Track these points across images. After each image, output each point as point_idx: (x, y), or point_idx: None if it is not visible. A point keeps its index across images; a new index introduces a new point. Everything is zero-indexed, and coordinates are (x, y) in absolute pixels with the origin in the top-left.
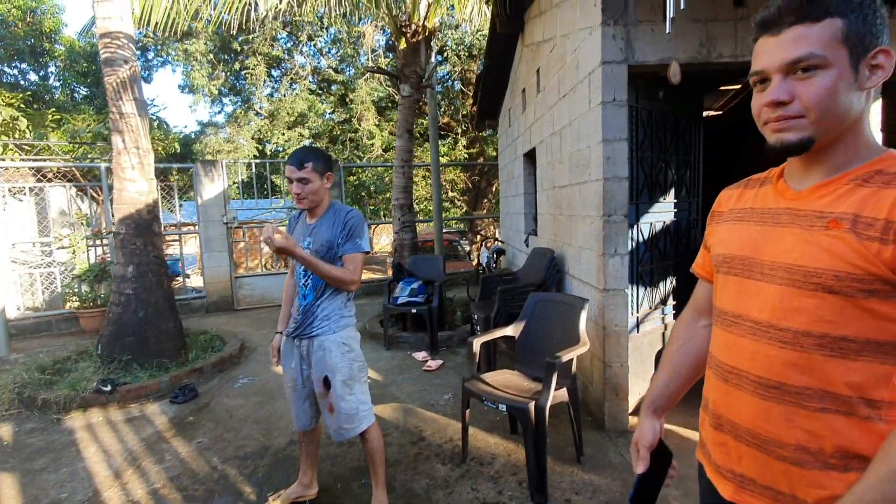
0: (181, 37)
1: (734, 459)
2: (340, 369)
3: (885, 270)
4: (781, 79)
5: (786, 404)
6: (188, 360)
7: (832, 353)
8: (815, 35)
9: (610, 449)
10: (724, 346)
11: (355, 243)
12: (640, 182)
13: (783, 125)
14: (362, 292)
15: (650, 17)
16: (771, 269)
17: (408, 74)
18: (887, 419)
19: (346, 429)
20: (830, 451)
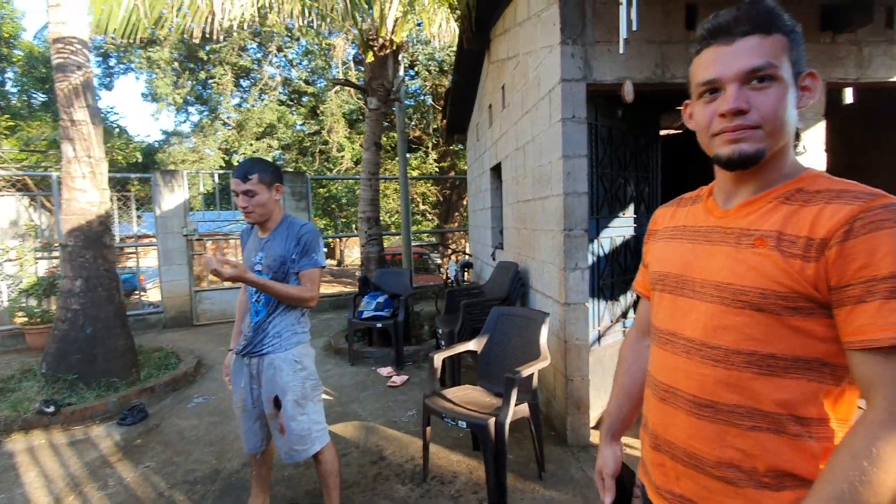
0: (145, 44)
1: (672, 480)
2: (292, 388)
3: (808, 287)
4: (738, 87)
5: (718, 423)
6: (139, 378)
7: (761, 371)
8: (769, 46)
9: (572, 464)
10: (659, 365)
11: (311, 259)
12: (600, 197)
13: (741, 135)
14: (329, 306)
15: (607, 37)
16: (702, 287)
17: (375, 88)
18: (817, 437)
19: (298, 451)
20: (763, 470)
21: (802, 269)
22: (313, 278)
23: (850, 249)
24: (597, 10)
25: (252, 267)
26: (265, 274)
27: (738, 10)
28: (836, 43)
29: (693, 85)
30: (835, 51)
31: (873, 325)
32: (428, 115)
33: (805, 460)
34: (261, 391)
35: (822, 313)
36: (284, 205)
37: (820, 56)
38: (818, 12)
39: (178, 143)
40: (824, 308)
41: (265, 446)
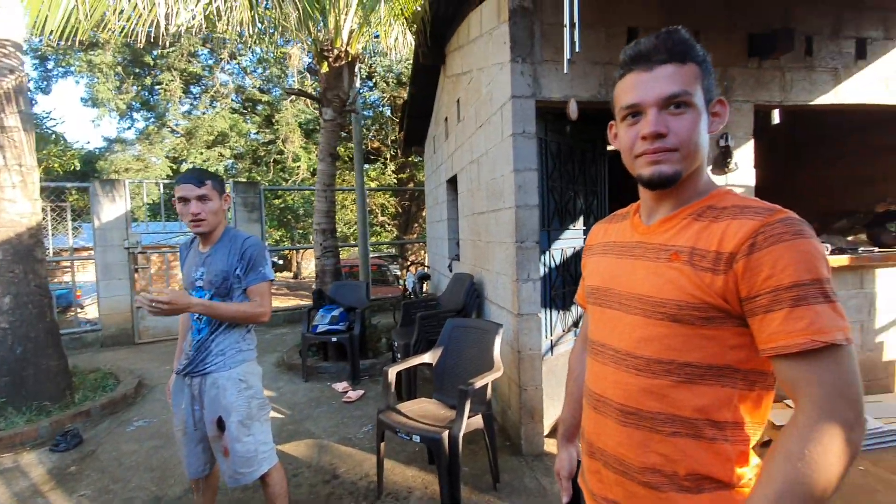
0: (86, 47)
1: (605, 486)
2: (237, 408)
3: (718, 299)
4: (657, 112)
5: (643, 430)
6: (74, 401)
7: (679, 379)
8: (684, 74)
9: (526, 474)
10: (592, 375)
11: (259, 273)
12: (550, 210)
13: (661, 157)
14: (282, 321)
15: (554, 57)
16: (627, 300)
17: (330, 98)
18: (733, 440)
19: (244, 473)
20: (683, 474)
21: (712, 282)
22: (263, 293)
23: (755, 262)
24: (545, 30)
25: (193, 283)
26: (207, 290)
27: (657, 38)
28: (763, 68)
29: (617, 108)
30: (761, 75)
31: (782, 333)
32: (386, 127)
33: (721, 463)
34: (203, 412)
35: (731, 322)
36: (235, 216)
37: (749, 80)
38: (746, 39)
39: (122, 151)
40: (733, 318)
41: (208, 471)
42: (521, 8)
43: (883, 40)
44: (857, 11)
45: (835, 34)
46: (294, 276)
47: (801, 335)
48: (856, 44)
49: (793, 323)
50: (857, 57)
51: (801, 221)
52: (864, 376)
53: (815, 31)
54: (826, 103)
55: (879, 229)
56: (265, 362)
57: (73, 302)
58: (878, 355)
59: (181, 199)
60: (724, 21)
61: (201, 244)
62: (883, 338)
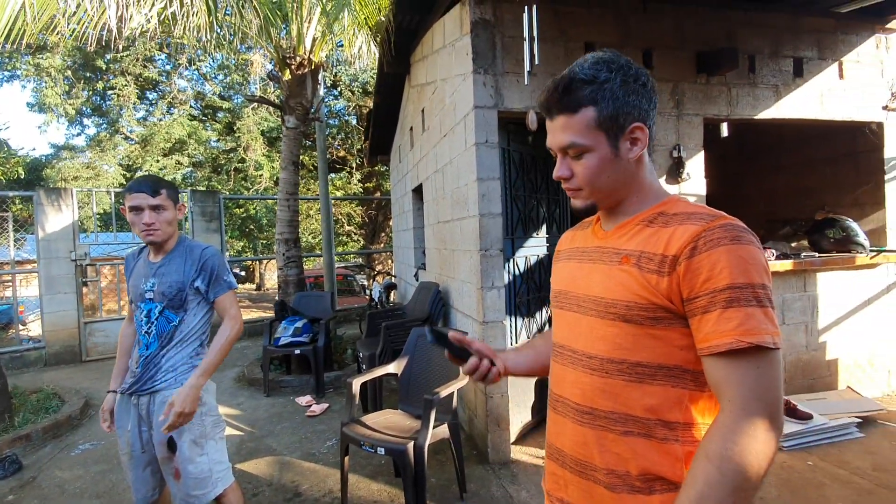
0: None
1: (562, 487)
2: (189, 427)
3: (664, 299)
4: (562, 158)
5: (597, 429)
6: (13, 425)
7: (630, 379)
8: (575, 124)
9: (493, 482)
10: (553, 376)
11: (223, 283)
12: (514, 218)
13: (571, 195)
14: (244, 333)
15: (515, 69)
16: (585, 302)
17: (293, 106)
18: (683, 440)
19: (196, 496)
20: (635, 474)
21: (658, 283)
22: (232, 302)
23: (695, 265)
24: (506, 43)
25: (142, 295)
26: (158, 302)
27: (549, 91)
28: (710, 84)
29: None
30: (710, 91)
31: (715, 333)
32: (352, 136)
33: (671, 463)
34: (151, 433)
35: (679, 323)
36: (193, 226)
37: (698, 95)
38: (695, 57)
39: (71, 158)
40: (680, 318)
41: (157, 495)
42: (483, 20)
43: (818, 60)
44: (794, 33)
45: (774, 53)
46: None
47: (729, 335)
48: (793, 63)
49: (724, 323)
50: (794, 75)
51: (743, 228)
52: (810, 375)
53: (757, 51)
54: (768, 118)
55: (819, 236)
56: (224, 377)
57: (14, 318)
58: (822, 354)
59: (133, 208)
60: (675, 39)
61: (152, 254)
62: (826, 337)
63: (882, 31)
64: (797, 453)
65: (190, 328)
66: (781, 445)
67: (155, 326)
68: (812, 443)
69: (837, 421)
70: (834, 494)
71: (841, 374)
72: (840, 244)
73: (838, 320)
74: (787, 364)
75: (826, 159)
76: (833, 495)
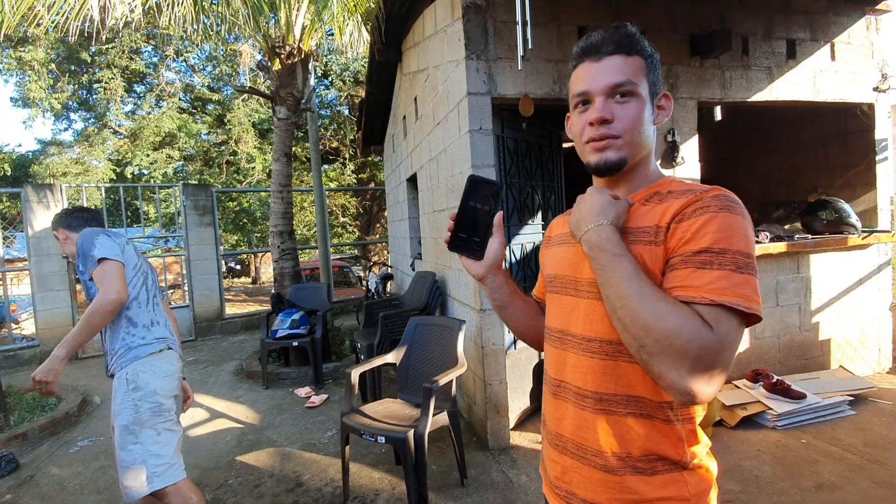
0: (15, 42)
1: (563, 474)
2: (121, 411)
3: (659, 267)
4: (604, 100)
5: (599, 412)
6: (9, 424)
7: (631, 359)
8: (629, 66)
9: (493, 468)
10: (551, 361)
11: (89, 259)
12: (510, 206)
13: (606, 143)
14: (240, 327)
15: (508, 54)
16: (582, 286)
17: (284, 97)
18: (682, 419)
19: (127, 487)
20: (638, 455)
21: (654, 254)
22: (102, 275)
23: (682, 228)
24: (498, 28)
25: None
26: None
27: (606, 32)
28: (704, 67)
29: (570, 97)
30: (703, 74)
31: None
32: (345, 126)
33: (673, 443)
34: None
35: None
36: (186, 220)
37: (692, 78)
38: (689, 40)
39: (58, 154)
40: None
41: None
42: (474, 5)
43: (810, 41)
44: (786, 15)
45: (767, 35)
46: (253, 282)
47: (695, 290)
48: (786, 44)
49: (694, 279)
50: (787, 57)
51: (734, 199)
52: (803, 355)
53: (750, 33)
54: (762, 100)
55: (812, 218)
56: (223, 371)
57: (5, 317)
58: (815, 335)
59: None
60: (668, 22)
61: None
62: (819, 318)
63: (872, 13)
64: (791, 432)
65: None
66: (776, 425)
67: None
68: (805, 421)
69: (830, 400)
70: (827, 470)
71: (833, 354)
72: (832, 225)
73: (831, 301)
74: (781, 345)
75: (817, 141)
76: (826, 471)
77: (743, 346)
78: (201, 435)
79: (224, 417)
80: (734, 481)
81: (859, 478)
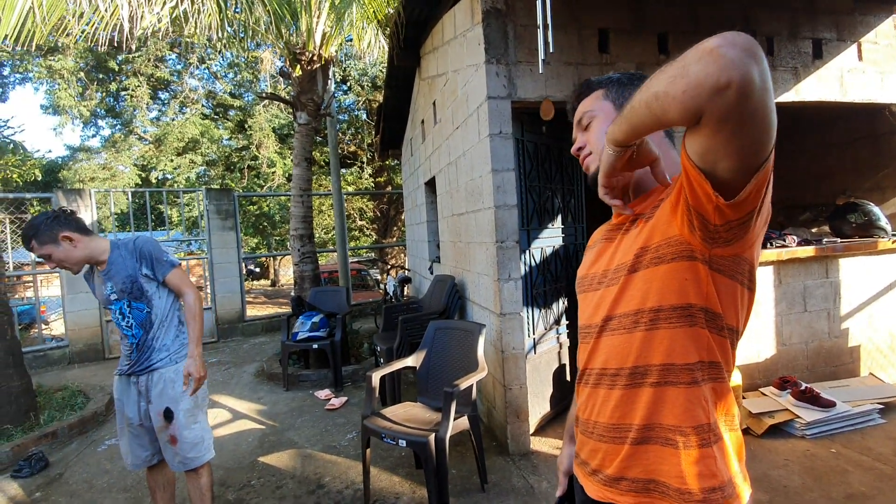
0: (45, 52)
1: (597, 458)
2: (184, 398)
3: (674, 230)
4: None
5: (627, 388)
6: (39, 423)
7: (647, 327)
8: (587, 101)
9: (513, 473)
10: (583, 355)
11: (164, 263)
12: (529, 209)
13: (585, 162)
14: (260, 329)
15: (528, 58)
16: (604, 277)
17: (304, 102)
18: (713, 379)
19: (192, 458)
20: (668, 424)
21: (670, 218)
22: (180, 278)
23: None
24: (518, 32)
25: (108, 299)
26: (122, 300)
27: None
28: None
29: None
30: None
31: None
32: (362, 130)
33: (705, 410)
34: (149, 407)
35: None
36: (209, 224)
37: None
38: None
39: (87, 160)
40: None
41: (156, 460)
42: (494, 10)
43: (836, 41)
44: (812, 14)
45: (793, 36)
46: (272, 284)
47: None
48: (812, 44)
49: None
50: (814, 57)
51: None
52: (832, 362)
53: (775, 33)
54: (788, 101)
55: (840, 221)
56: (244, 373)
57: (36, 318)
58: (844, 341)
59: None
60: (690, 23)
61: (97, 266)
62: (848, 324)
63: None
64: (820, 441)
65: (163, 311)
66: (804, 433)
67: (132, 318)
68: (835, 430)
69: (860, 408)
70: (857, 480)
71: (863, 361)
72: (862, 229)
73: (860, 306)
74: (809, 352)
75: (845, 142)
76: (856, 481)
77: (769, 353)
78: (224, 435)
79: (246, 418)
80: (762, 491)
81: (890, 488)
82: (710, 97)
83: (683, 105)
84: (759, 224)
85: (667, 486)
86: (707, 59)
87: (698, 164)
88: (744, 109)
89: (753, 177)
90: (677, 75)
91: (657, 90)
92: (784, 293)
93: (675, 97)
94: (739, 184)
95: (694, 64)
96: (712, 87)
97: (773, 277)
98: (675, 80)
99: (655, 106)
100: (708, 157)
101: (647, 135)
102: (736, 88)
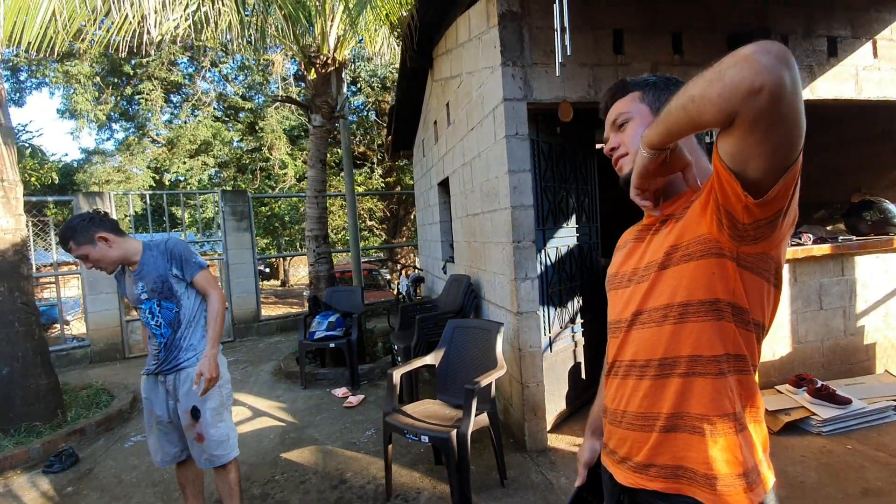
0: (61, 57)
1: (626, 447)
2: (211, 397)
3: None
4: (614, 133)
5: (657, 379)
6: (67, 420)
7: (676, 321)
8: (622, 103)
9: (532, 469)
10: (612, 349)
11: (193, 264)
12: (545, 209)
13: (619, 163)
14: (275, 329)
15: (544, 60)
16: (634, 275)
17: (319, 105)
18: (738, 371)
19: (218, 455)
20: (696, 413)
21: (699, 219)
22: (208, 279)
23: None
24: (533, 34)
25: (139, 297)
26: (153, 299)
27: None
28: None
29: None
30: None
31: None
32: (372, 131)
33: (731, 401)
34: (177, 405)
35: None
36: (225, 225)
37: None
38: (727, 39)
39: (102, 163)
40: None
41: (183, 457)
42: (510, 12)
43: (851, 39)
44: (827, 11)
45: (808, 33)
46: (282, 284)
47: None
48: (827, 42)
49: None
50: (829, 55)
51: None
52: (848, 360)
53: (790, 31)
54: (804, 99)
55: (856, 219)
56: (262, 371)
57: (57, 318)
58: (860, 339)
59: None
60: (704, 22)
61: (129, 266)
62: (864, 322)
63: None
64: (836, 438)
65: (191, 311)
66: (821, 430)
67: (161, 317)
68: (851, 427)
69: (876, 405)
70: (873, 476)
71: (879, 358)
72: (877, 226)
73: (876, 304)
74: (824, 349)
75: (862, 140)
76: (872, 477)
77: (785, 351)
78: (246, 432)
79: (266, 416)
80: (779, 487)
81: None
82: (744, 100)
83: (719, 107)
84: (787, 224)
85: (694, 472)
86: (742, 64)
87: (729, 164)
88: (775, 112)
89: (782, 177)
90: (714, 79)
91: (693, 93)
92: (800, 291)
93: (711, 99)
94: (768, 183)
95: (730, 69)
96: (747, 90)
97: (789, 275)
98: (712, 84)
99: (692, 108)
100: (739, 157)
101: (682, 138)
102: (768, 92)
